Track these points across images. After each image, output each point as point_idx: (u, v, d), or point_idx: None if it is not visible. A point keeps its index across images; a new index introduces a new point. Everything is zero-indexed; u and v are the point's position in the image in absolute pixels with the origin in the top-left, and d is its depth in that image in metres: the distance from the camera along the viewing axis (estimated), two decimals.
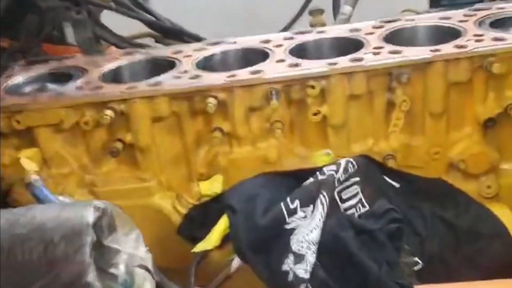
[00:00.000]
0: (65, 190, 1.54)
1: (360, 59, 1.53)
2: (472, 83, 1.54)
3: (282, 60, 1.60)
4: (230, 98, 1.53)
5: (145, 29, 2.25)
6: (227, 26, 3.96)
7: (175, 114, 1.57)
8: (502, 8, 1.73)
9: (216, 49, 1.75)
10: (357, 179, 1.46)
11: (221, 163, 1.58)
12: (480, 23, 1.66)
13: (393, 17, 1.83)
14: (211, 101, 1.50)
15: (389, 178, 1.56)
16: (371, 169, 1.52)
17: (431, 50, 1.52)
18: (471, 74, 1.52)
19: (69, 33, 2.12)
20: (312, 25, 2.10)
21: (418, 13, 2.02)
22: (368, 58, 1.54)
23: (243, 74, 1.54)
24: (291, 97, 1.55)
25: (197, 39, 2.15)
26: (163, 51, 1.80)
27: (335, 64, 1.53)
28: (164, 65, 1.69)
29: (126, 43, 2.10)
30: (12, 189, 1.56)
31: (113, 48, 2.07)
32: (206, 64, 1.68)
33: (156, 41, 2.27)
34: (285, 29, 2.21)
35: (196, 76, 1.57)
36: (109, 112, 1.50)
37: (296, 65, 1.56)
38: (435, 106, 1.55)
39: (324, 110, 1.54)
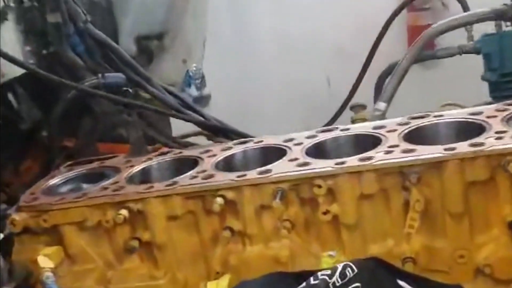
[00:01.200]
0: (82, 286, 1.60)
1: (369, 158, 1.49)
2: (495, 182, 1.43)
3: (294, 159, 1.60)
4: (239, 198, 1.55)
5: None
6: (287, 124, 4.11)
7: (191, 212, 1.60)
8: None
9: (239, 149, 1.79)
10: (358, 284, 1.38)
11: (232, 262, 1.57)
12: (508, 119, 1.56)
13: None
14: (218, 200, 1.52)
15: (405, 282, 1.46)
16: (379, 273, 1.43)
17: (445, 149, 1.44)
18: (490, 173, 1.42)
19: None
20: (353, 121, 2.09)
21: (461, 106, 1.94)
22: (378, 156, 1.49)
23: (252, 173, 1.56)
24: (302, 195, 1.53)
25: (244, 137, 2.21)
26: (194, 150, 1.87)
27: (342, 163, 1.50)
28: (189, 164, 1.75)
29: (176, 143, 2.21)
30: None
31: (164, 148, 2.18)
32: (226, 164, 1.72)
33: (208, 139, 2.36)
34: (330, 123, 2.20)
35: (209, 176, 1.60)
36: (123, 212, 1.57)
37: (305, 164, 1.55)
38: (454, 206, 1.45)
39: (334, 209, 1.50)
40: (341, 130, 1.76)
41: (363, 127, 1.76)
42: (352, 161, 1.50)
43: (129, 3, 2.32)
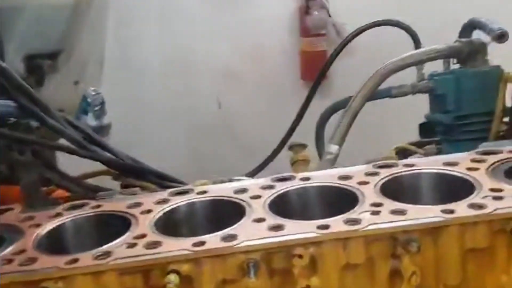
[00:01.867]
0: None
1: (356, 221, 1.25)
2: (493, 249, 1.27)
3: (261, 220, 1.32)
4: (197, 272, 1.22)
5: None
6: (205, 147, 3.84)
7: None
8: None
9: (181, 201, 1.46)
10: None
11: None
12: (493, 172, 1.41)
13: (387, 157, 1.59)
14: (172, 279, 1.19)
15: None
16: None
17: (442, 211, 1.25)
18: (491, 239, 1.25)
19: None
20: (293, 162, 1.85)
21: (411, 150, 1.79)
22: (366, 219, 1.26)
23: (213, 241, 1.24)
24: (274, 266, 1.25)
25: (163, 178, 1.88)
26: (119, 203, 1.50)
27: (326, 227, 1.24)
28: (117, 224, 1.38)
29: (81, 187, 1.81)
30: None
31: (60, 191, 1.78)
32: (168, 223, 1.38)
33: (114, 179, 1.97)
34: (260, 168, 1.95)
35: (154, 244, 1.26)
36: None
37: (279, 227, 1.27)
38: (450, 277, 1.26)
39: (314, 283, 1.24)
40: (301, 179, 1.51)
41: (326, 176, 1.51)
42: (337, 224, 1.25)
43: (17, 16, 1.86)
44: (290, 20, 3.92)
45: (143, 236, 1.30)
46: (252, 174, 2.39)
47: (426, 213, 1.26)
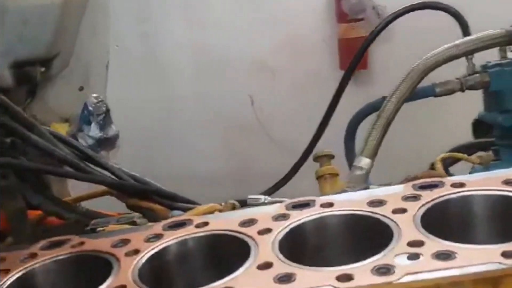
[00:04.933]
0: None
1: (389, 269, 0.96)
2: None
3: (267, 266, 1.04)
4: None
5: None
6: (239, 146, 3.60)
7: None
8: None
9: (173, 237, 1.20)
10: None
11: None
12: None
13: (430, 171, 1.29)
14: None
15: None
16: None
17: (502, 254, 0.95)
18: None
19: None
20: (319, 177, 1.57)
21: (470, 160, 1.47)
22: (401, 266, 0.97)
23: None
24: None
25: (168, 197, 1.64)
26: (104, 239, 1.25)
27: (349, 278, 0.96)
28: (98, 269, 1.14)
29: (75, 213, 1.58)
30: None
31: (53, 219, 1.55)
32: (154, 269, 1.12)
33: (118, 198, 1.74)
34: (276, 187, 1.69)
35: None
36: None
37: (289, 277, 1.00)
38: None
39: None
40: (322, 205, 1.22)
41: (353, 202, 1.22)
42: (363, 274, 0.97)
43: (0, 19, 1.63)
44: (325, 6, 3.60)
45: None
46: (276, 187, 2.12)
47: (482, 258, 0.95)
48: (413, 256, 0.99)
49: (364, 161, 1.46)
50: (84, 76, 2.05)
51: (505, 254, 0.94)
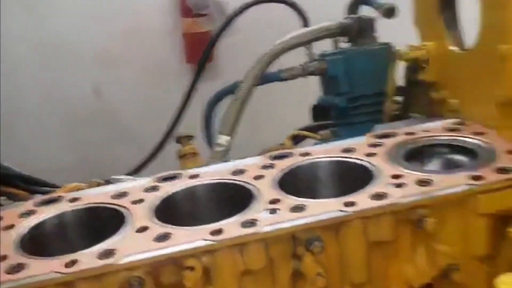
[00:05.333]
0: None
1: (253, 223, 1.12)
2: (397, 240, 1.19)
3: (144, 228, 1.15)
4: None
5: None
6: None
7: None
8: (412, 134, 1.43)
9: (49, 212, 1.26)
10: None
11: None
12: (392, 156, 1.33)
13: (282, 145, 1.48)
14: None
15: None
16: None
17: (344, 204, 1.15)
18: (396, 230, 1.17)
19: None
20: (181, 156, 1.69)
21: (306, 136, 1.69)
22: (263, 219, 1.13)
23: (88, 258, 1.06)
24: (163, 281, 1.09)
25: (31, 182, 1.65)
26: None
27: (219, 232, 1.10)
28: None
29: None
30: None
31: None
32: (35, 240, 1.18)
33: None
34: (144, 163, 1.78)
35: (17, 267, 1.06)
36: None
37: (165, 236, 1.11)
38: (356, 274, 1.17)
39: None
40: (189, 177, 1.35)
41: (217, 172, 1.37)
42: (232, 228, 1.11)
43: None
44: (169, 0, 3.71)
45: (4, 258, 1.10)
46: (136, 171, 2.20)
47: (328, 208, 1.15)
48: (273, 211, 1.16)
49: (223, 138, 1.61)
50: None
51: (346, 204, 1.15)
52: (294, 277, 1.16)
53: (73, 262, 1.05)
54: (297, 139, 1.79)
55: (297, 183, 1.30)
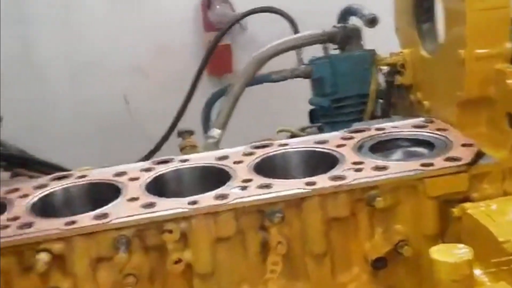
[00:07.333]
0: None
1: (224, 196, 1.31)
2: (355, 218, 1.36)
3: (135, 199, 1.35)
4: (69, 251, 1.25)
5: None
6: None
7: (3, 272, 1.25)
8: (381, 129, 1.60)
9: (59, 185, 1.47)
10: None
11: None
12: (359, 148, 1.50)
13: (268, 139, 1.66)
14: (42, 257, 1.20)
15: None
16: None
17: (305, 184, 1.33)
18: (351, 208, 1.34)
19: None
20: (182, 148, 1.90)
21: (293, 133, 1.87)
22: (234, 194, 1.32)
23: (85, 219, 1.27)
24: (147, 243, 1.29)
25: (52, 167, 1.87)
26: None
27: (195, 203, 1.29)
28: None
29: None
30: None
31: None
32: (44, 207, 1.39)
33: (6, 170, 1.94)
34: (149, 155, 1.98)
35: (27, 225, 1.27)
36: None
37: (151, 205, 1.31)
38: (315, 246, 1.34)
39: (187, 257, 1.29)
40: (180, 161, 1.55)
41: (205, 158, 1.57)
42: (207, 199, 1.31)
43: None
44: (193, 15, 3.96)
45: (16, 218, 1.31)
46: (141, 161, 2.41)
47: (291, 186, 1.33)
48: (244, 188, 1.35)
49: (215, 132, 1.81)
50: None
51: (307, 184, 1.33)
52: (263, 247, 1.35)
53: (72, 222, 1.26)
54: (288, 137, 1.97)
55: (271, 169, 1.48)
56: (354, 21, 2.02)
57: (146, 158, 2.19)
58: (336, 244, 1.37)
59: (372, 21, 1.91)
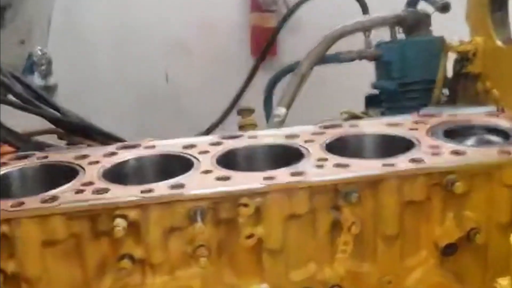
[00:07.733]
0: None
1: (301, 173, 1.29)
2: (429, 202, 1.34)
3: (208, 171, 1.34)
4: (144, 218, 1.24)
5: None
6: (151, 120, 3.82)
7: (74, 236, 1.25)
8: (454, 115, 1.57)
9: (129, 155, 1.47)
10: None
11: None
12: (433, 133, 1.48)
13: (333, 119, 1.64)
14: (120, 223, 1.20)
15: None
16: None
17: (383, 165, 1.30)
18: (428, 192, 1.32)
19: None
20: (241, 127, 1.88)
21: (356, 115, 1.85)
22: (311, 172, 1.30)
23: (161, 188, 1.26)
24: (219, 216, 1.28)
25: (110, 138, 1.87)
26: (64, 155, 1.49)
27: (272, 178, 1.28)
28: (64, 174, 1.38)
29: (22, 142, 1.78)
30: None
31: (6, 147, 1.74)
32: (116, 174, 1.39)
33: (59, 138, 1.95)
34: (210, 129, 1.97)
35: (102, 190, 1.27)
36: None
37: (226, 178, 1.30)
38: (388, 228, 1.32)
39: (259, 232, 1.28)
40: (249, 137, 1.54)
41: (274, 136, 1.55)
42: (283, 176, 1.29)
43: None
44: None
45: (90, 183, 1.31)
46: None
47: (368, 167, 1.31)
48: (320, 166, 1.33)
49: (281, 110, 1.79)
50: (27, 30, 2.21)
51: (385, 165, 1.30)
52: (333, 226, 1.33)
53: (149, 190, 1.25)
54: (349, 118, 1.94)
55: (344, 149, 1.46)
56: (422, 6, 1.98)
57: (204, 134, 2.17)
58: (407, 227, 1.34)
59: (444, 8, 1.88)
